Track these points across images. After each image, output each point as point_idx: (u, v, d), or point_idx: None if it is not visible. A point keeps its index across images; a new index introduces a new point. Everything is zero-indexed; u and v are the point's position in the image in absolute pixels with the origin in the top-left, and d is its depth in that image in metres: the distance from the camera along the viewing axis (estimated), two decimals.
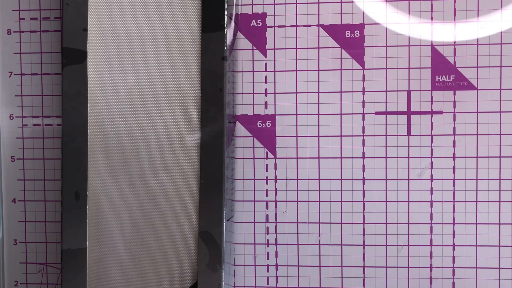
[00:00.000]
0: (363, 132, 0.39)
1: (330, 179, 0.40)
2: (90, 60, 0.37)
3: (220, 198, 0.37)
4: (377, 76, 0.39)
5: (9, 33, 0.41)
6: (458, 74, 0.39)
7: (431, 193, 0.39)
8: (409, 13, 0.39)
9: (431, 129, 0.39)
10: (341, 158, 0.39)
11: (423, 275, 0.39)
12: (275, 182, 0.40)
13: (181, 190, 0.38)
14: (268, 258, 0.40)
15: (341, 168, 0.39)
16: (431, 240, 0.39)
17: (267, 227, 0.40)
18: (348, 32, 0.39)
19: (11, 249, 0.41)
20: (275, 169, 0.40)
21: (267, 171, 0.40)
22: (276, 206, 0.40)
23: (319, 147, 0.39)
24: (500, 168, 0.39)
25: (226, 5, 0.37)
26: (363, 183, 0.39)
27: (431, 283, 0.39)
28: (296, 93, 0.39)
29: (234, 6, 0.38)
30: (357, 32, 0.39)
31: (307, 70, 0.39)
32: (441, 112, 0.39)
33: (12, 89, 0.41)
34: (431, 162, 0.39)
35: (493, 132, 0.38)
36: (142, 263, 0.38)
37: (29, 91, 0.41)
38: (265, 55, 0.40)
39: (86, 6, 0.37)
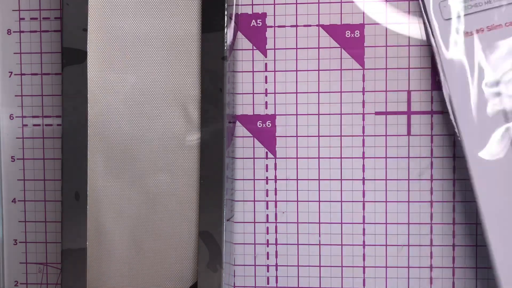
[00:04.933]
0: (363, 132, 0.39)
1: (330, 179, 0.40)
2: (90, 60, 0.37)
3: (220, 198, 0.37)
4: (377, 76, 0.39)
5: (9, 33, 0.41)
6: None
7: (431, 193, 0.39)
8: (409, 13, 0.39)
9: (431, 129, 0.39)
10: (341, 158, 0.39)
11: (423, 275, 0.39)
12: (275, 182, 0.40)
13: (181, 190, 0.38)
14: (268, 258, 0.40)
15: (341, 168, 0.39)
16: (431, 240, 0.39)
17: (267, 227, 0.40)
18: (348, 32, 0.39)
19: (11, 249, 0.41)
20: (275, 169, 0.40)
21: (267, 171, 0.40)
22: (276, 206, 0.40)
23: (319, 147, 0.39)
24: None
25: (226, 5, 0.37)
26: (363, 183, 0.39)
27: (431, 283, 0.39)
28: (296, 93, 0.39)
29: (234, 6, 0.38)
30: (357, 32, 0.39)
31: (307, 70, 0.39)
32: (441, 112, 0.39)
33: (12, 89, 0.41)
34: (431, 162, 0.39)
35: None
36: (142, 263, 0.38)
37: (29, 91, 0.41)
38: (265, 55, 0.40)
39: (86, 6, 0.37)
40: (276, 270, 0.40)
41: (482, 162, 0.37)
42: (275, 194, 0.40)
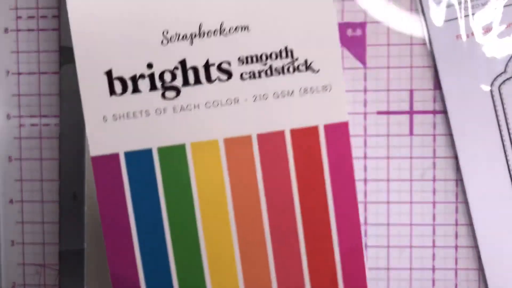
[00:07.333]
0: (365, 131, 0.39)
1: None
2: None
3: None
4: (379, 75, 0.39)
5: (6, 31, 0.41)
6: None
7: (434, 194, 0.39)
8: (411, 11, 0.38)
9: (434, 128, 0.39)
10: None
11: (426, 276, 0.39)
12: None
13: None
14: None
15: None
16: (433, 241, 0.39)
17: None
18: (350, 31, 0.39)
19: (8, 250, 0.41)
20: None
21: None
22: None
23: None
24: None
25: None
26: (365, 183, 0.39)
27: (433, 285, 0.39)
28: None
29: None
30: (358, 30, 0.39)
31: None
32: (444, 112, 0.38)
33: (9, 88, 0.41)
34: (434, 162, 0.39)
35: None
36: None
37: (26, 90, 0.41)
38: None
39: None
40: None
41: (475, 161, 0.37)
42: None
